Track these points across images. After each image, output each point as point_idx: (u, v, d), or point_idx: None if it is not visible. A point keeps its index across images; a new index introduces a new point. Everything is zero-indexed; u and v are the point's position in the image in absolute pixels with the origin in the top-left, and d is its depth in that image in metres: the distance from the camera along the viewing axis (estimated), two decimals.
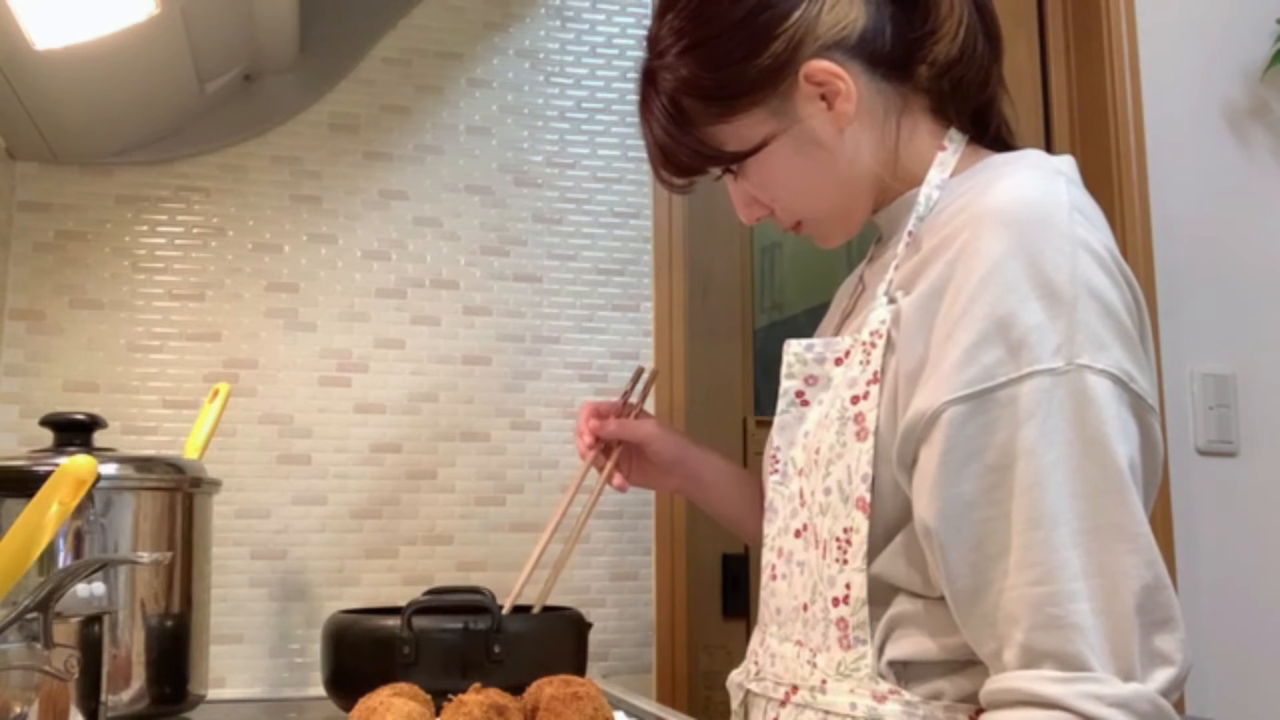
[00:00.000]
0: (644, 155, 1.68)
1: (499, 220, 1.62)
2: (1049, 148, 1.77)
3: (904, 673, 0.81)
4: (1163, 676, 0.70)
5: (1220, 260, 1.75)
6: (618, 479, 1.16)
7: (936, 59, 0.91)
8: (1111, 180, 1.68)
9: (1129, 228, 1.66)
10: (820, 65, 0.87)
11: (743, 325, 1.97)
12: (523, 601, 1.15)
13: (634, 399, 1.20)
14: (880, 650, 0.82)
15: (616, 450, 1.16)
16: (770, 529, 0.94)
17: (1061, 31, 1.80)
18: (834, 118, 0.89)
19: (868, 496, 0.81)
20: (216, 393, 1.30)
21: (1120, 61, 1.71)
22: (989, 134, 0.95)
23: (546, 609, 1.28)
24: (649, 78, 0.93)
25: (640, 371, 1.24)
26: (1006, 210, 0.79)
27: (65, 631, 0.81)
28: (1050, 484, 0.72)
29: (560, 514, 1.18)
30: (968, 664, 0.80)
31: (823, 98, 0.88)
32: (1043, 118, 1.79)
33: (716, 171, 0.95)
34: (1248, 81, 1.80)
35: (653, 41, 0.93)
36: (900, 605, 0.82)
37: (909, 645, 0.81)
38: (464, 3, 1.65)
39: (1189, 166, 1.75)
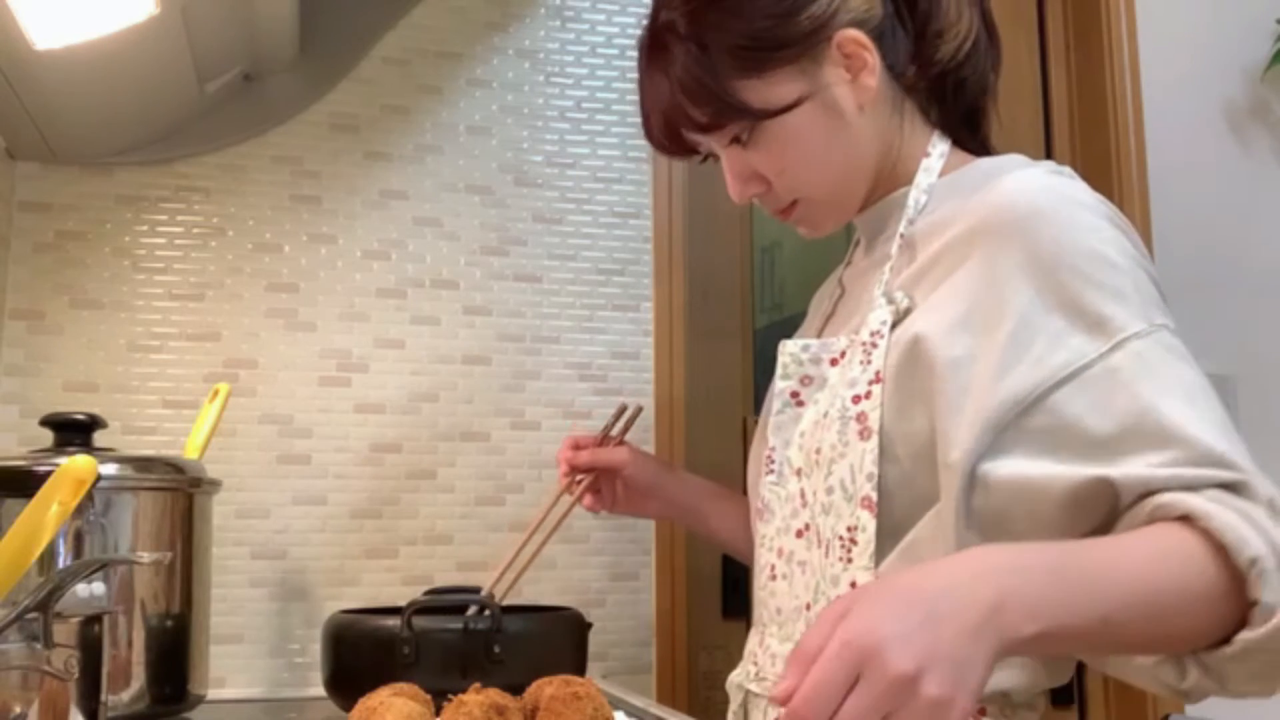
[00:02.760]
0: (644, 155, 1.70)
1: (499, 220, 1.62)
2: (1049, 148, 1.76)
3: None
4: None
5: (1220, 260, 1.75)
6: (588, 500, 1.20)
7: (942, 58, 0.93)
8: (1111, 180, 1.68)
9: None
10: (853, 35, 0.88)
11: (743, 325, 1.96)
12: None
13: (614, 433, 1.24)
14: None
15: (589, 476, 1.19)
16: (767, 529, 0.94)
17: (1061, 31, 1.79)
18: (856, 91, 0.89)
19: (874, 495, 0.81)
20: (216, 393, 1.30)
21: (1120, 61, 1.70)
22: (977, 139, 0.96)
23: (546, 609, 1.29)
24: (666, 27, 0.90)
25: (623, 408, 1.26)
26: (1036, 200, 0.80)
27: (65, 631, 0.81)
28: (1186, 434, 0.72)
29: (534, 528, 1.23)
30: None
31: (848, 70, 0.89)
32: (1043, 118, 1.79)
33: (718, 142, 0.93)
34: (1248, 81, 1.80)
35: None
36: None
37: None
38: (464, 3, 1.65)
39: (1189, 166, 1.74)
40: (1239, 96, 1.80)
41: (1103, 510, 0.74)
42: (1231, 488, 0.70)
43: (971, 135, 0.96)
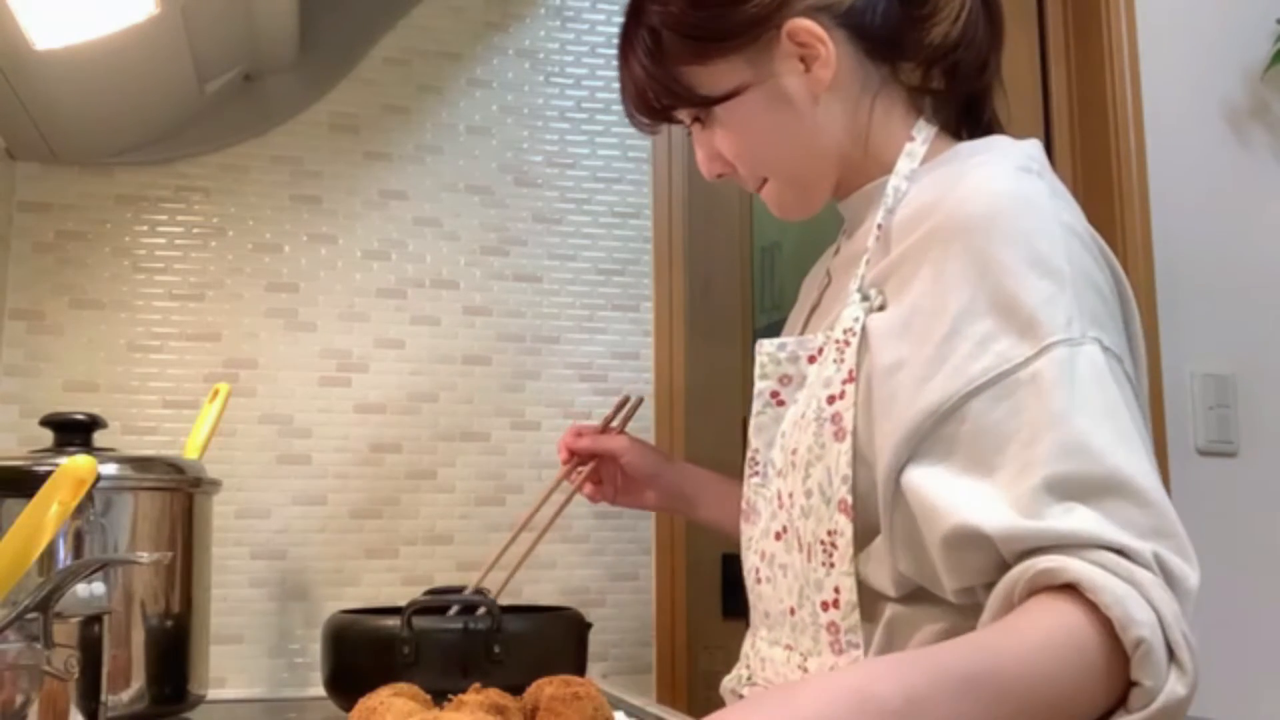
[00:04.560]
0: (644, 155, 1.70)
1: (499, 220, 1.62)
2: (1049, 148, 1.76)
3: None
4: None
5: (1220, 260, 1.75)
6: (588, 488, 1.22)
7: (932, 42, 0.90)
8: (1111, 180, 1.68)
9: (1129, 228, 1.66)
10: (804, 25, 0.86)
11: (743, 325, 1.96)
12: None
13: (615, 424, 1.25)
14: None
15: (590, 464, 1.21)
16: (753, 531, 0.94)
17: (1061, 31, 1.79)
18: (809, 82, 0.88)
19: (849, 499, 0.80)
20: (216, 393, 1.30)
21: (1120, 61, 1.70)
22: (981, 125, 0.94)
23: (546, 609, 1.29)
24: (635, 11, 0.93)
25: (625, 399, 1.27)
26: (989, 203, 0.78)
27: (65, 631, 0.81)
28: (1089, 445, 0.69)
29: (529, 516, 1.24)
30: None
31: (801, 60, 0.88)
32: (1043, 118, 1.79)
33: (685, 117, 0.94)
34: (1248, 81, 1.80)
35: None
36: (893, 609, 0.81)
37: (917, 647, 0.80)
38: (464, 3, 1.65)
39: (1189, 166, 1.75)
40: (1239, 96, 1.80)
41: (985, 556, 0.71)
42: (1121, 551, 0.66)
43: (975, 121, 0.94)
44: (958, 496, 0.71)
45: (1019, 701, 0.63)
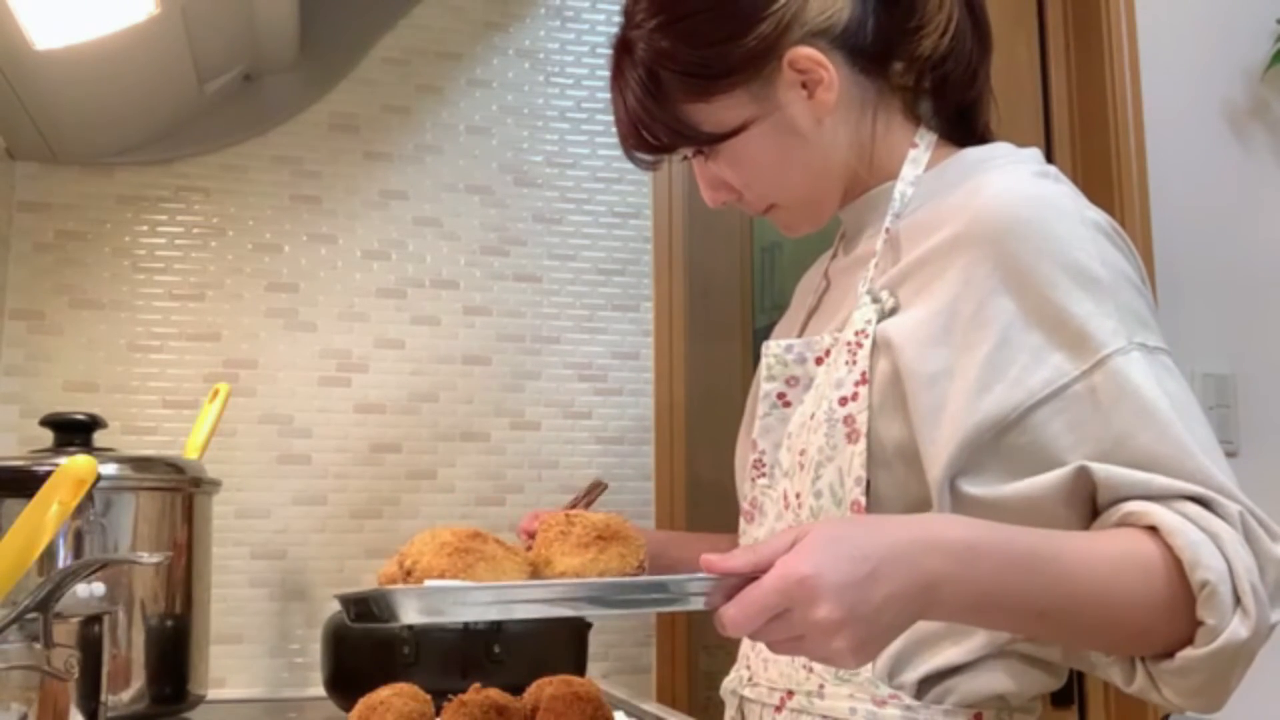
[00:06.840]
0: None
1: (499, 220, 1.62)
2: (1049, 148, 1.76)
3: (924, 683, 0.80)
4: None
5: (1220, 260, 1.75)
6: None
7: (922, 54, 0.91)
8: (1111, 180, 1.68)
9: (1129, 228, 1.66)
10: (805, 53, 0.86)
11: (743, 325, 1.97)
12: None
13: (580, 506, 1.25)
14: (898, 664, 0.80)
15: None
16: (757, 531, 0.94)
17: (1061, 31, 1.79)
18: (814, 107, 0.88)
19: (863, 500, 0.80)
20: (216, 393, 1.30)
21: (1120, 61, 1.70)
22: (974, 134, 0.94)
23: None
24: (625, 47, 0.91)
25: (595, 483, 1.27)
26: (1016, 209, 0.79)
27: (65, 631, 0.81)
28: (1159, 461, 0.73)
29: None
30: (980, 661, 0.79)
31: (804, 86, 0.87)
32: (1043, 118, 1.79)
33: (685, 151, 0.93)
34: (1248, 81, 1.80)
35: (630, 12, 0.91)
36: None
37: (940, 659, 0.80)
38: (464, 3, 1.65)
39: (1189, 166, 1.74)
40: (1239, 96, 1.80)
41: (1089, 502, 0.75)
42: (1207, 504, 0.71)
43: (969, 130, 0.94)
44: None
45: (1072, 594, 0.69)
